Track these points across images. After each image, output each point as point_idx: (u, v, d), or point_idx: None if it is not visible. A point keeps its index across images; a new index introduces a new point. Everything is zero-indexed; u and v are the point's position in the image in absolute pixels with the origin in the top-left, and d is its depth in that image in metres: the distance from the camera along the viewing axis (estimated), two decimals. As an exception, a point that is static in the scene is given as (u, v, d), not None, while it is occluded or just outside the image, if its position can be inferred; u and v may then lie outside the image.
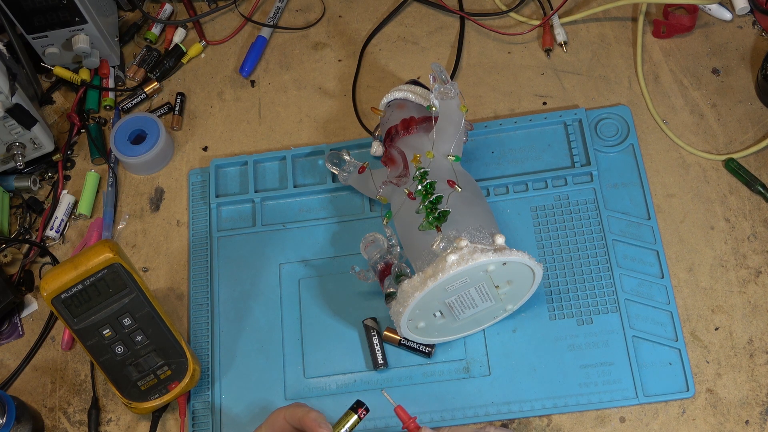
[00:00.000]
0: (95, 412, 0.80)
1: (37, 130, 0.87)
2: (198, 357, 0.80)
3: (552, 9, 0.94)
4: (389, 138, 0.81)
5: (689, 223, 0.82)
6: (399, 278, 0.74)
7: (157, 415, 0.79)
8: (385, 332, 0.79)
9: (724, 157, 0.85)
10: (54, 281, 0.71)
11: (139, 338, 0.74)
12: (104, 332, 0.73)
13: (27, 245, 0.89)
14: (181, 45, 0.98)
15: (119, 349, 0.74)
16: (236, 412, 0.79)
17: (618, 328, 0.78)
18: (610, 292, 0.79)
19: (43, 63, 0.94)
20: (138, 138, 0.91)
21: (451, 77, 0.93)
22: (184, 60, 0.97)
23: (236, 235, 0.86)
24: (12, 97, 0.83)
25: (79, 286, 0.72)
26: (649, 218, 0.82)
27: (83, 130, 0.94)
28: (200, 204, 0.88)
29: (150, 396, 0.76)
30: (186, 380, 0.76)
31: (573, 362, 0.77)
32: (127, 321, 0.74)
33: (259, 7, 1.01)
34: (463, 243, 0.68)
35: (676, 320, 0.78)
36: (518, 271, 0.72)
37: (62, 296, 0.72)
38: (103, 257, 0.72)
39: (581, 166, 0.85)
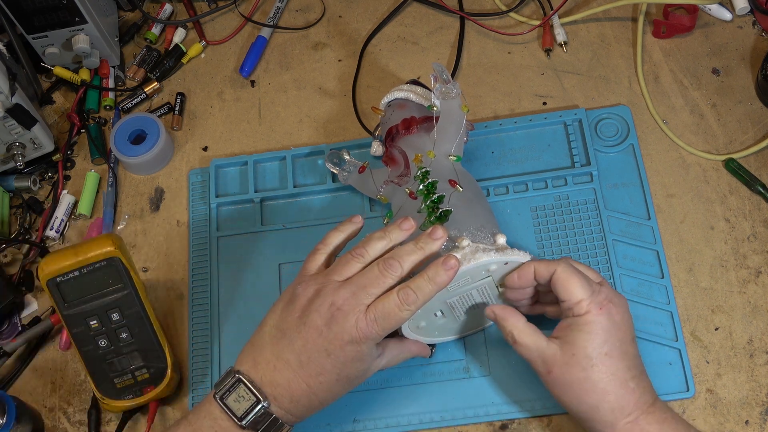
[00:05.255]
0: (95, 412, 0.80)
1: (37, 130, 0.87)
2: (198, 356, 0.81)
3: (552, 9, 0.95)
4: (390, 138, 0.81)
5: (689, 223, 0.82)
6: (399, 278, 0.74)
7: (127, 416, 0.79)
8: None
9: (724, 157, 0.85)
10: (52, 264, 0.72)
11: (124, 335, 0.75)
12: (91, 323, 0.74)
13: (27, 245, 0.89)
14: (181, 45, 0.98)
15: (102, 343, 0.75)
16: (236, 412, 0.79)
17: (618, 328, 0.78)
18: (610, 292, 0.79)
19: (43, 63, 0.94)
20: (138, 138, 0.91)
21: (451, 77, 0.93)
22: (184, 60, 0.97)
23: (236, 235, 0.86)
24: (12, 97, 0.83)
25: (76, 273, 0.73)
26: (649, 218, 0.82)
27: (83, 130, 0.94)
28: (200, 204, 0.88)
29: (124, 395, 0.76)
30: (162, 386, 0.76)
31: (573, 362, 0.77)
32: (115, 316, 0.74)
33: (259, 7, 1.01)
34: (465, 242, 0.68)
35: (676, 320, 0.78)
36: (519, 271, 0.72)
37: (57, 279, 0.73)
38: (104, 249, 0.73)
39: (581, 166, 0.85)
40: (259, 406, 0.64)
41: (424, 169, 0.75)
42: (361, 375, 0.67)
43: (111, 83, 0.96)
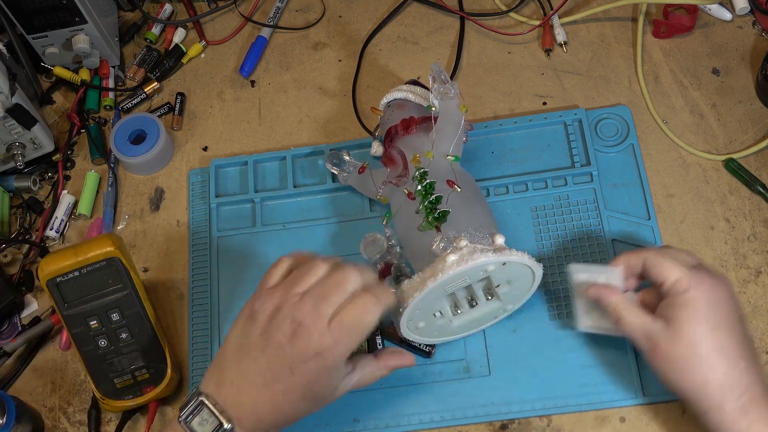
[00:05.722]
0: (95, 412, 0.80)
1: (37, 130, 0.87)
2: (198, 356, 0.81)
3: (552, 9, 0.94)
4: (389, 138, 0.81)
5: (689, 223, 0.82)
6: (399, 278, 0.74)
7: (126, 416, 0.79)
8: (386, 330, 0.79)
9: (724, 157, 0.85)
10: (52, 264, 0.73)
11: (124, 335, 0.75)
12: (91, 323, 0.74)
13: (27, 245, 0.89)
14: (181, 45, 0.98)
15: (102, 343, 0.75)
16: (236, 412, 0.79)
17: (618, 328, 0.78)
18: (610, 292, 0.79)
19: (43, 63, 0.94)
20: (138, 138, 0.91)
21: (451, 77, 0.93)
22: (184, 60, 0.97)
23: (236, 235, 0.86)
24: (12, 97, 0.83)
25: (76, 273, 0.73)
26: (649, 218, 0.82)
27: (83, 130, 0.94)
28: (200, 204, 0.88)
29: (124, 395, 0.76)
30: (162, 386, 0.76)
31: (573, 362, 0.77)
32: (115, 316, 0.75)
33: (259, 7, 1.01)
34: (463, 243, 0.68)
35: (676, 320, 0.78)
36: (518, 271, 0.72)
37: (57, 279, 0.73)
38: (104, 250, 0.73)
39: (581, 166, 0.85)
40: (222, 429, 0.63)
41: (422, 170, 0.75)
42: (329, 393, 0.65)
43: (111, 83, 0.96)
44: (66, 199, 0.90)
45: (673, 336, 0.66)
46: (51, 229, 0.88)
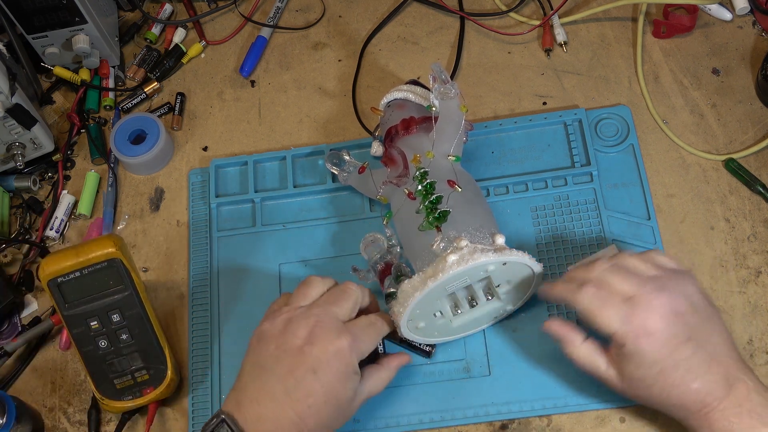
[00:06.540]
0: (95, 412, 0.80)
1: (37, 130, 0.87)
2: (198, 356, 0.81)
3: (552, 9, 0.95)
4: (389, 138, 0.81)
5: (689, 223, 0.82)
6: (399, 278, 0.74)
7: (126, 417, 0.79)
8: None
9: (724, 157, 0.85)
10: (53, 264, 0.73)
11: (124, 336, 0.75)
12: (92, 324, 0.74)
13: (27, 245, 0.89)
14: (181, 45, 0.98)
15: (103, 344, 0.75)
16: (236, 412, 0.79)
17: (618, 328, 0.78)
18: (610, 292, 0.79)
19: (43, 63, 0.94)
20: (138, 138, 0.91)
21: (451, 77, 0.93)
22: (184, 60, 0.97)
23: (236, 235, 0.86)
24: (12, 97, 0.83)
25: (77, 274, 0.73)
26: (649, 218, 0.82)
27: (83, 130, 0.95)
28: (200, 204, 0.88)
29: (123, 396, 0.76)
30: (161, 388, 0.76)
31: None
32: (116, 317, 0.75)
33: (259, 7, 1.01)
34: (463, 243, 0.68)
35: (676, 320, 0.78)
36: (518, 271, 0.72)
37: (58, 280, 0.73)
38: (105, 250, 0.73)
39: (581, 166, 0.85)
40: None
41: (422, 170, 0.75)
42: (350, 399, 0.67)
43: (111, 83, 0.96)
44: (66, 199, 0.90)
45: (629, 384, 0.68)
46: (51, 229, 0.88)
